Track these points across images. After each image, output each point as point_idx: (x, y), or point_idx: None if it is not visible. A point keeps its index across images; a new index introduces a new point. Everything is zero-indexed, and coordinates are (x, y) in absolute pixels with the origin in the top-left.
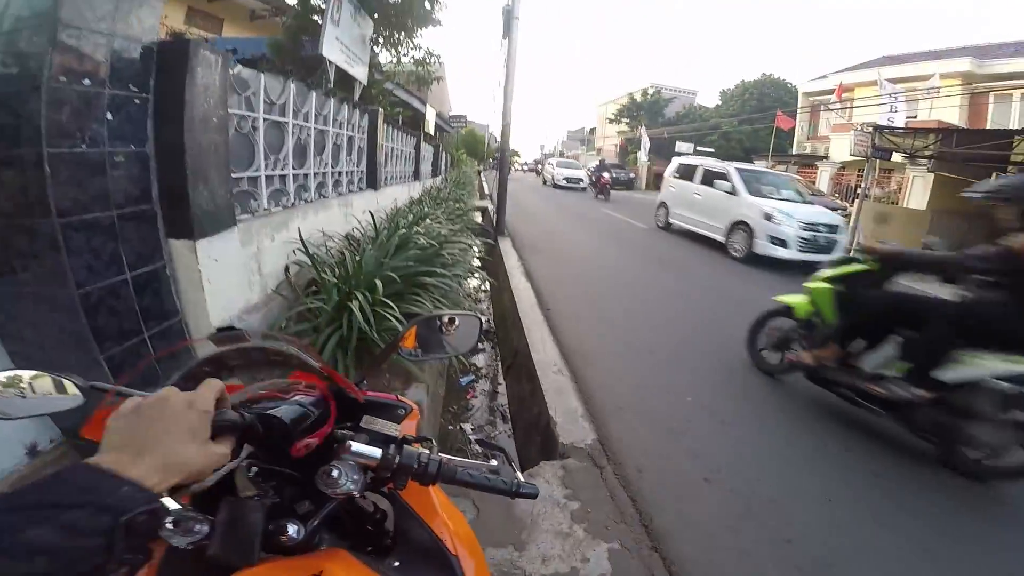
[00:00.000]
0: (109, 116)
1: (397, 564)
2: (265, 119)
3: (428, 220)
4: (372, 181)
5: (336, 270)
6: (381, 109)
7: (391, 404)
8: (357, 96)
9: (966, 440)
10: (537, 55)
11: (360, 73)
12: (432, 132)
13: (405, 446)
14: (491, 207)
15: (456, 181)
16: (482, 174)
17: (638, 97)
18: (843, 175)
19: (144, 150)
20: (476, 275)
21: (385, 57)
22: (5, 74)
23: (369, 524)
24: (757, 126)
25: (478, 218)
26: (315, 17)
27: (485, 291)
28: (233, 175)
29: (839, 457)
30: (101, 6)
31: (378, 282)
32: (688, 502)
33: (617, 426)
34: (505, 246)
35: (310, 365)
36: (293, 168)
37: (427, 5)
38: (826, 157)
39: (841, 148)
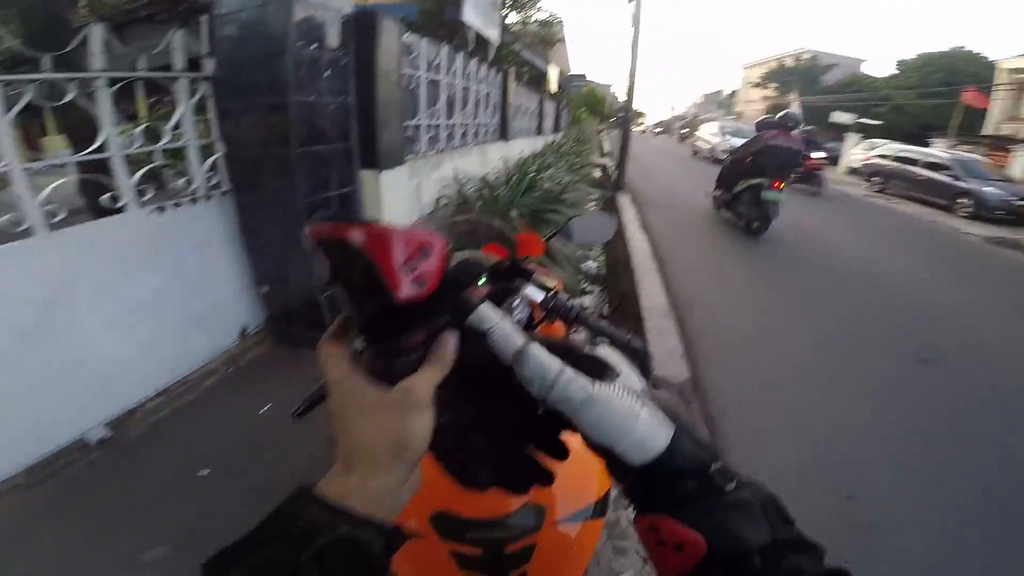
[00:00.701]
0: (327, 73)
1: None
2: (425, 77)
3: (551, 170)
4: (503, 133)
5: (477, 204)
6: (511, 68)
7: (547, 274)
8: (491, 57)
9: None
10: (670, 12)
11: (493, 35)
12: (553, 90)
13: (560, 293)
14: (610, 164)
15: (576, 138)
16: (602, 133)
17: (790, 62)
18: None
19: (347, 100)
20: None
21: (511, 19)
22: (266, 39)
23: None
24: (939, 101)
25: (597, 174)
26: None
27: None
28: (403, 123)
29: None
30: None
31: (513, 214)
32: (763, 447)
33: (713, 372)
34: (623, 200)
35: (504, 239)
36: (444, 119)
37: None
38: None
39: None
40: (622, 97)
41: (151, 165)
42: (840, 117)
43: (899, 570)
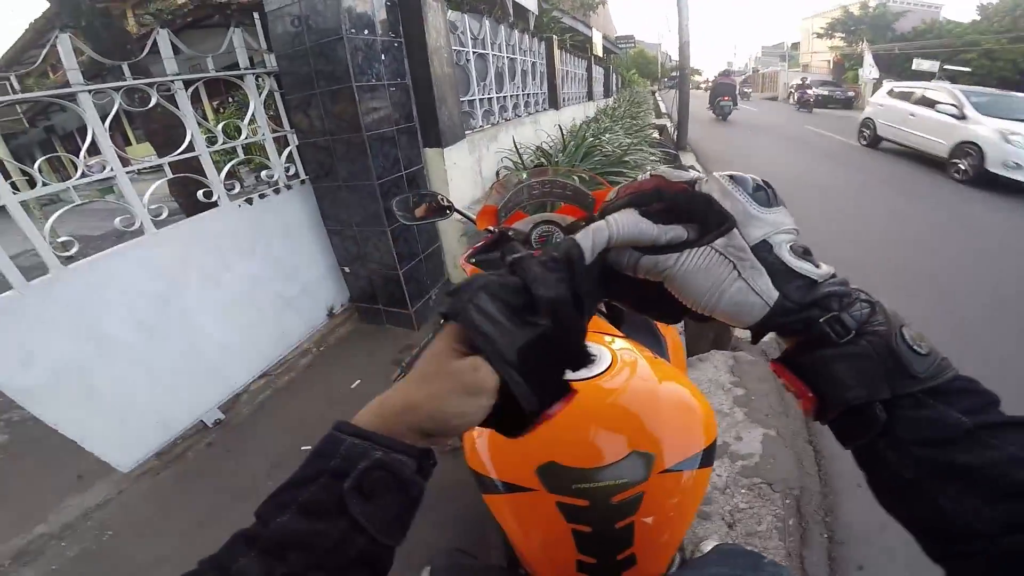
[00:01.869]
0: (383, 57)
1: (625, 333)
2: (473, 52)
3: (608, 135)
4: (553, 101)
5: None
6: (554, 36)
7: None
8: (532, 26)
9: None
10: None
11: (531, 3)
12: (600, 55)
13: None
14: (670, 125)
15: (630, 100)
16: (657, 94)
17: (856, 10)
18: None
19: (406, 82)
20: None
21: None
22: (320, 30)
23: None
24: None
25: (656, 135)
26: None
27: None
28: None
29: None
30: None
31: (577, 177)
32: None
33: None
34: (687, 160)
35: (579, 199)
36: (495, 92)
37: None
38: None
39: None
40: (675, 56)
41: (235, 160)
42: (922, 64)
43: None
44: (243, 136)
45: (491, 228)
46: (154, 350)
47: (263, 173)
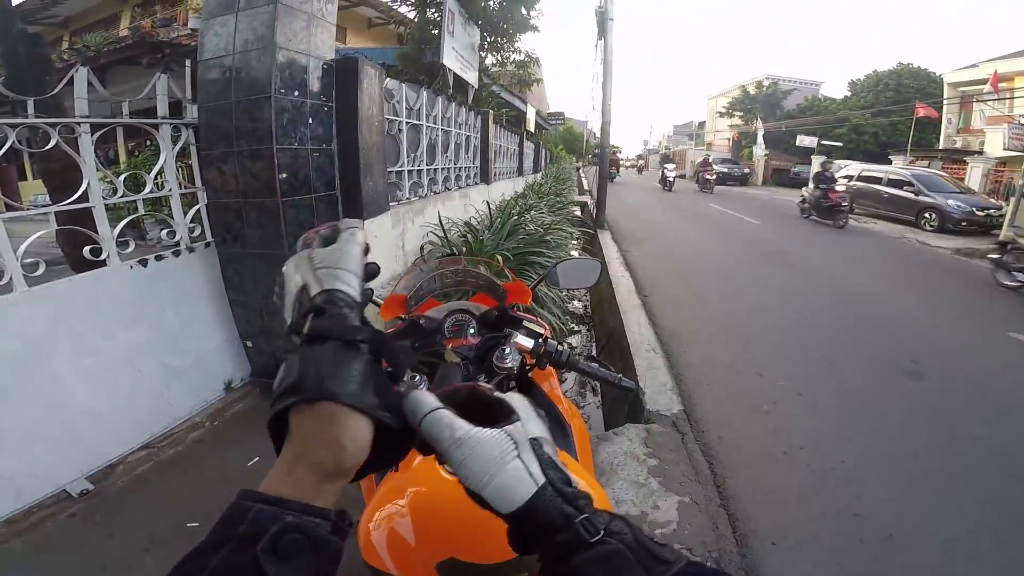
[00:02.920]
0: (310, 121)
1: None
2: (407, 122)
3: (533, 212)
4: (485, 176)
5: (462, 249)
6: (491, 111)
7: (536, 322)
8: (470, 99)
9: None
10: (638, 48)
11: (472, 78)
12: (533, 130)
13: (549, 340)
14: (590, 202)
15: (556, 177)
16: (580, 171)
17: (752, 89)
18: (1003, 172)
19: (331, 148)
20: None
21: (489, 61)
22: (249, 85)
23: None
24: (894, 119)
25: (578, 212)
26: (431, 28)
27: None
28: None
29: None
30: (299, 30)
31: (499, 257)
32: (763, 471)
33: (704, 401)
34: (604, 238)
35: (492, 289)
36: (426, 164)
37: (523, 11)
38: (980, 152)
39: (998, 142)
40: (599, 133)
41: (133, 215)
42: (804, 140)
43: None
44: (147, 189)
45: (402, 316)
46: (9, 415)
47: (164, 232)
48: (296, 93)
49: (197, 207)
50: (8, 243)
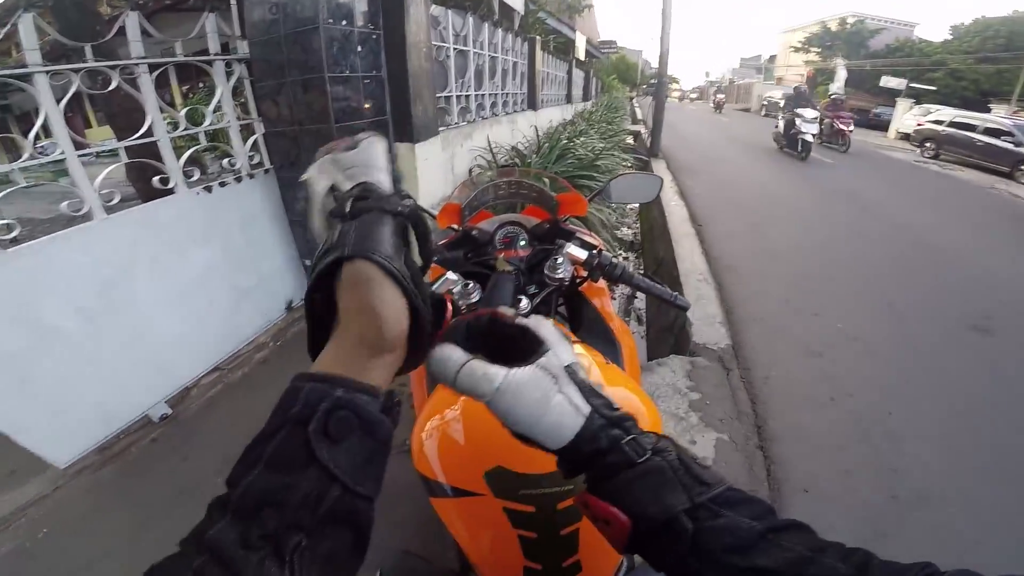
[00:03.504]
0: (359, 48)
1: (582, 338)
2: (454, 48)
3: (583, 137)
4: (532, 102)
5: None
6: (538, 37)
7: (590, 235)
8: (516, 25)
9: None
10: None
11: (518, 4)
12: (582, 58)
13: (603, 252)
14: (644, 132)
15: (607, 106)
16: (634, 100)
17: (834, 26)
18: None
19: (381, 75)
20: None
21: None
22: (297, 18)
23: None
24: (1000, 67)
25: (630, 140)
26: None
27: (632, 208)
28: (435, 95)
29: None
30: None
31: (545, 180)
32: (806, 415)
33: (754, 338)
34: (659, 167)
35: (545, 201)
36: (474, 89)
37: None
38: None
39: None
40: (655, 63)
41: (196, 147)
42: (890, 82)
43: (946, 543)
44: (207, 122)
45: (454, 227)
46: (97, 340)
47: (225, 161)
48: (344, 22)
49: (255, 137)
50: (85, 176)
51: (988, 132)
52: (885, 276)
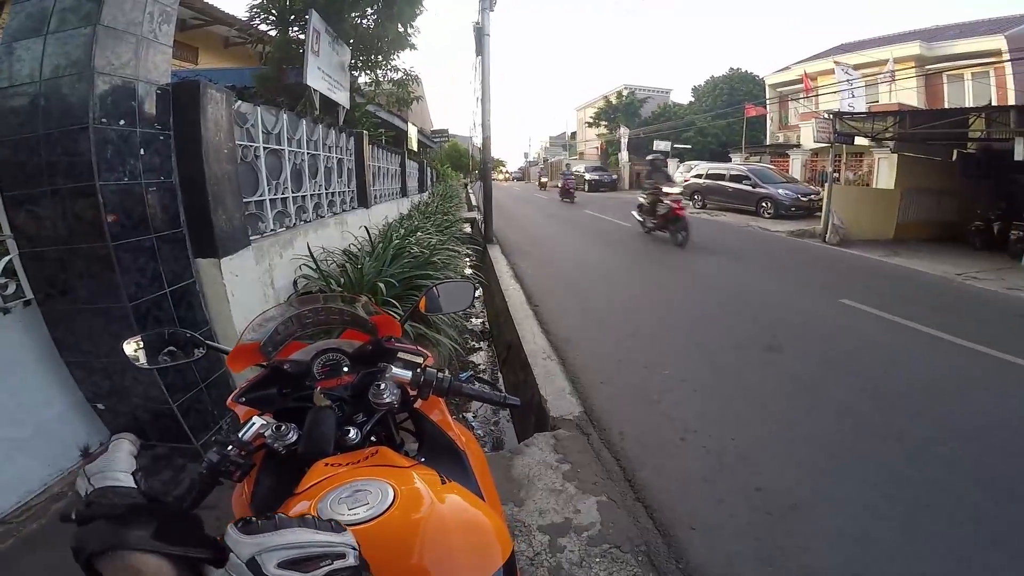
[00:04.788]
0: (142, 152)
1: (423, 459)
2: (264, 148)
3: (419, 233)
4: (363, 200)
5: (340, 280)
6: (365, 131)
7: (414, 351)
8: (341, 120)
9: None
10: (514, 64)
11: (342, 98)
12: (416, 149)
13: (428, 368)
14: (479, 218)
15: (443, 195)
16: (468, 187)
17: (613, 100)
18: (816, 161)
19: (171, 180)
20: (469, 276)
21: (364, 80)
22: (59, 116)
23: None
24: (730, 119)
25: (468, 228)
26: (295, 47)
27: (478, 297)
28: (243, 200)
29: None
30: (124, 53)
31: (381, 285)
32: (665, 459)
33: (601, 400)
34: (494, 252)
35: (360, 324)
36: (292, 191)
37: (400, 29)
38: (797, 145)
39: (810, 136)
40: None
41: None
42: (660, 145)
43: (832, 538)
44: None
45: (262, 364)
46: None
47: None
48: (122, 122)
49: (7, 259)
50: None
51: (733, 179)
52: (690, 320)
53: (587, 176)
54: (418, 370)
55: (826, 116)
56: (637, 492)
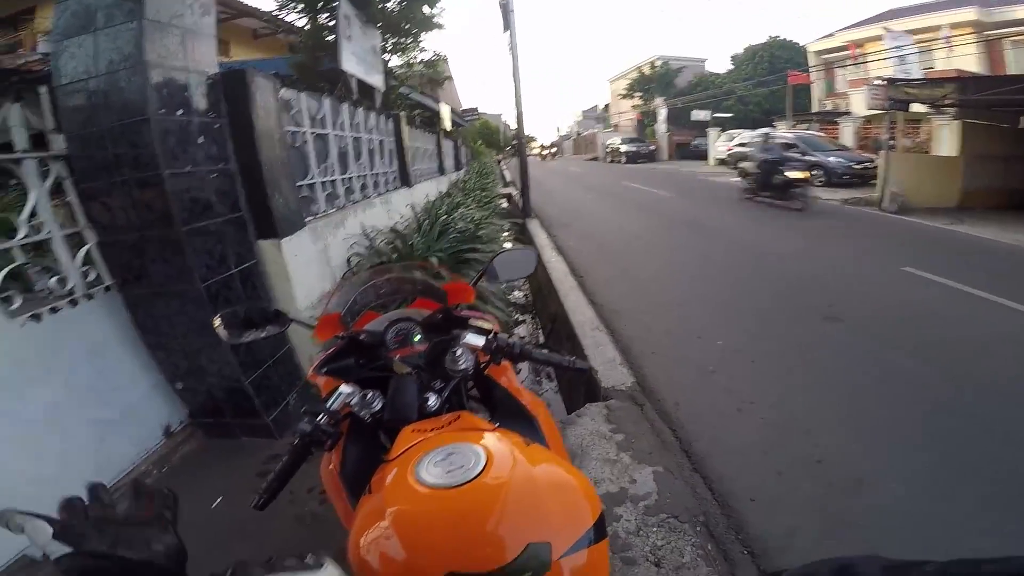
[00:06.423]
0: (200, 140)
1: (497, 424)
2: (312, 132)
3: (461, 209)
4: (405, 179)
5: (392, 256)
6: (402, 112)
7: (482, 318)
8: (379, 103)
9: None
10: (543, 37)
11: (377, 81)
12: (449, 128)
13: (499, 335)
14: (515, 193)
15: (478, 172)
16: (501, 163)
17: (647, 71)
18: (869, 128)
19: (229, 166)
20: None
21: (395, 62)
22: (117, 109)
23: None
24: (773, 88)
25: (504, 204)
26: (326, 35)
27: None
28: (296, 183)
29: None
30: (171, 45)
31: (433, 260)
32: (723, 430)
33: (653, 370)
34: (533, 226)
35: (432, 292)
36: (339, 173)
37: (425, 9)
38: (847, 113)
39: (862, 103)
40: (514, 124)
41: (11, 266)
42: (698, 115)
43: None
44: (20, 234)
45: (339, 335)
46: None
47: (52, 280)
48: (180, 112)
49: (86, 248)
50: None
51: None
52: (743, 289)
53: (623, 148)
54: (491, 336)
55: (879, 83)
56: (694, 463)
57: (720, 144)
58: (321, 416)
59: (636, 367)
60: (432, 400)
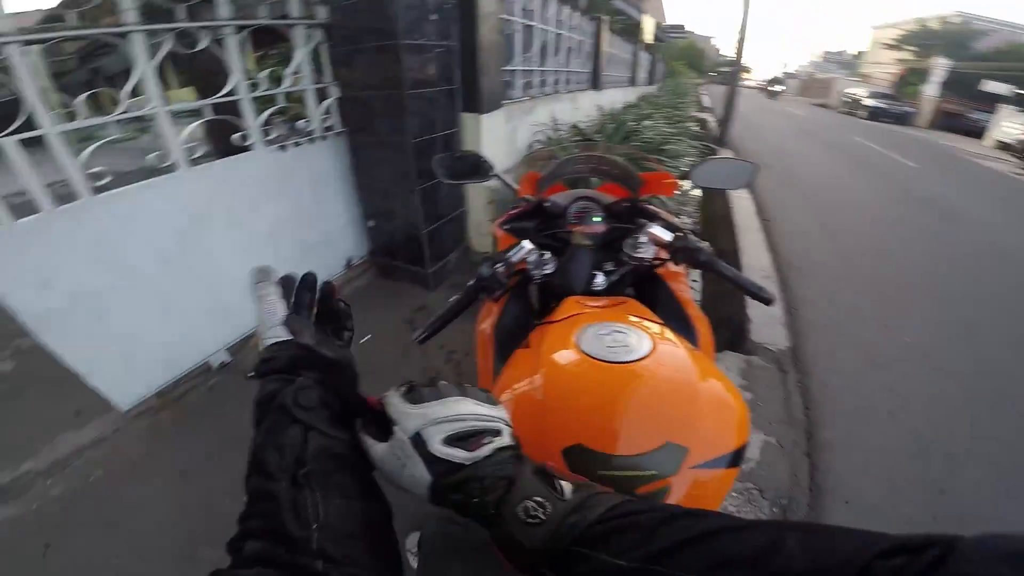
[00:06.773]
0: (433, 17)
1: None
2: (520, 22)
3: (648, 121)
4: (595, 82)
5: (571, 151)
6: (604, 16)
7: (671, 216)
8: (583, 3)
9: None
10: None
11: None
12: (650, 41)
13: (689, 235)
14: (711, 120)
15: (673, 91)
16: (700, 87)
17: (934, 25)
18: None
19: (452, 44)
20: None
21: None
22: None
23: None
24: None
25: (696, 128)
26: None
27: (695, 193)
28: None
29: None
30: None
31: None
32: (861, 427)
33: (815, 341)
34: (725, 155)
35: (628, 179)
36: (537, 65)
37: None
38: None
39: None
40: (724, 51)
41: (274, 108)
42: (995, 87)
43: None
44: (286, 83)
45: (528, 197)
46: (170, 282)
47: (298, 123)
48: None
49: (329, 100)
50: (172, 130)
51: None
52: (965, 294)
53: (867, 101)
54: (680, 234)
55: None
56: (811, 447)
57: (1013, 125)
58: (500, 264)
59: (798, 332)
60: (600, 279)
